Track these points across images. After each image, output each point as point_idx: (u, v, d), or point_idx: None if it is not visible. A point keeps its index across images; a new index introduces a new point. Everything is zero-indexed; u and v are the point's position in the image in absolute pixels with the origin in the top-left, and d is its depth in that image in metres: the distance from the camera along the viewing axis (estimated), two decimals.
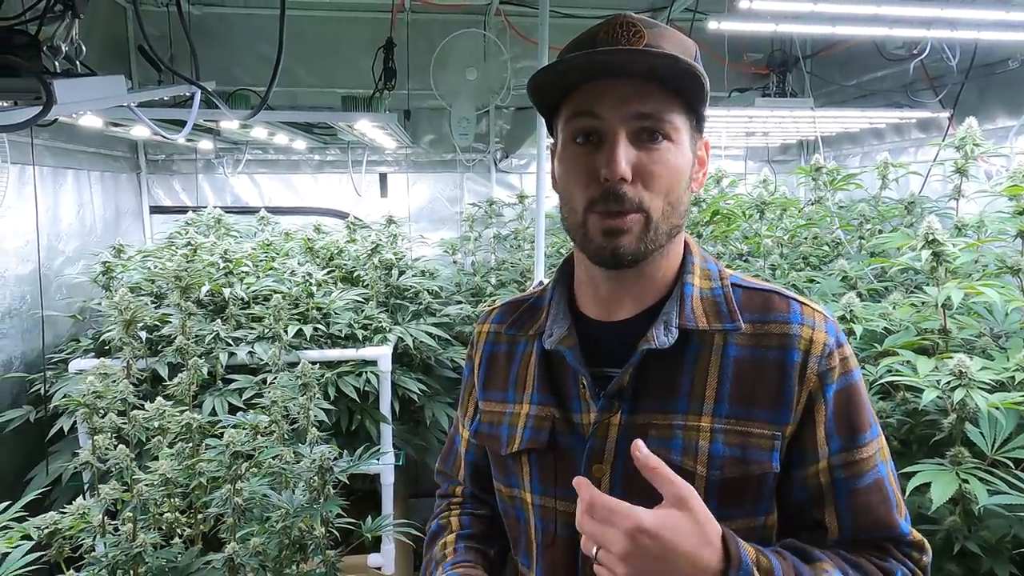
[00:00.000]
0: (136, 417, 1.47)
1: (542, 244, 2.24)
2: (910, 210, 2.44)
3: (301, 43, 3.81)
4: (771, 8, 1.92)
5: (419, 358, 3.02)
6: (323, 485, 1.40)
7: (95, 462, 1.42)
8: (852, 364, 0.81)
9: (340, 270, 3.11)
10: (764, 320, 0.80)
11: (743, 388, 0.78)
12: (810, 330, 0.79)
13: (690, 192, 0.80)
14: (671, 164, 0.76)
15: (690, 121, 0.79)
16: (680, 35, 0.79)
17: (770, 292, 0.83)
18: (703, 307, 0.81)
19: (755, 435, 0.77)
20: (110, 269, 2.70)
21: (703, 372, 0.79)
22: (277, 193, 4.11)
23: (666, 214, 0.77)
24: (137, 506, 1.38)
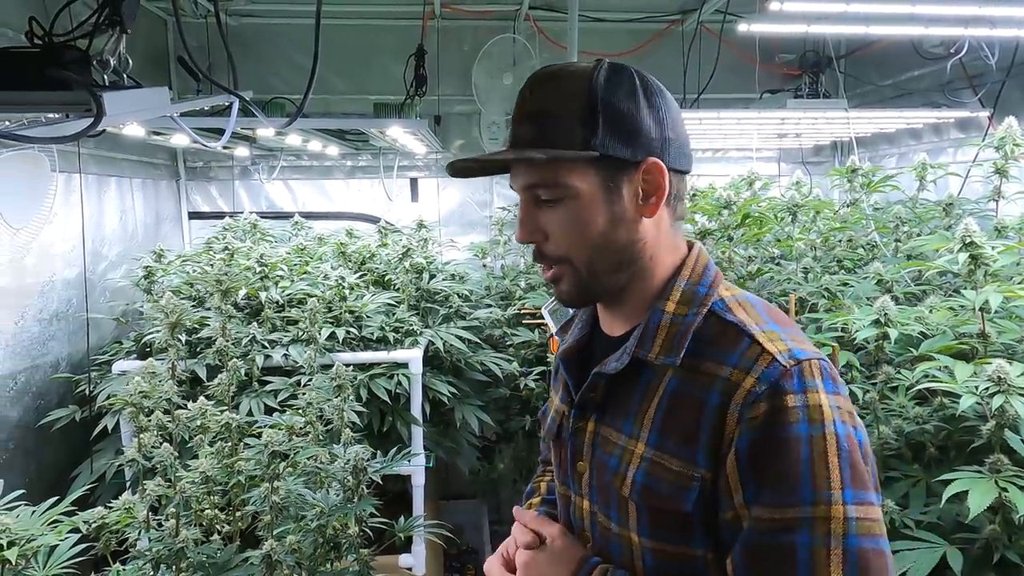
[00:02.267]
0: (180, 416, 1.52)
1: None
2: (948, 212, 2.40)
3: (333, 51, 3.88)
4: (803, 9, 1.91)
5: (449, 361, 3.04)
6: (357, 485, 1.43)
7: (140, 459, 1.47)
8: (791, 417, 0.71)
9: (372, 274, 3.16)
10: (703, 356, 0.79)
11: (670, 422, 0.79)
12: (741, 373, 0.75)
13: (631, 224, 0.82)
14: (572, 219, 0.81)
15: (591, 167, 0.79)
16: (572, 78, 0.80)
17: (734, 326, 0.79)
18: (664, 335, 0.82)
19: (673, 471, 0.77)
20: (151, 273, 2.78)
21: (649, 399, 0.81)
22: (311, 198, 4.19)
23: (595, 258, 0.82)
24: (180, 503, 1.43)
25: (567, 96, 0.80)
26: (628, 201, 0.81)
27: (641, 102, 0.81)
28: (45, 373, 2.79)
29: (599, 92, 0.80)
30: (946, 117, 3.09)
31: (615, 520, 0.84)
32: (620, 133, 0.79)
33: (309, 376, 1.84)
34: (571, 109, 0.80)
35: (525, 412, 3.32)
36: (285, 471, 1.52)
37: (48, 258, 2.80)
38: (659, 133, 0.82)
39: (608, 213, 0.81)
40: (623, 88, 0.81)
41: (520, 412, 3.33)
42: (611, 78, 0.81)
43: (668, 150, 0.82)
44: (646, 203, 0.82)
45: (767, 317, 0.81)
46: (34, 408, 2.71)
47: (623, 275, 0.84)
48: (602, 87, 0.80)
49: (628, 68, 0.83)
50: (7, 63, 0.99)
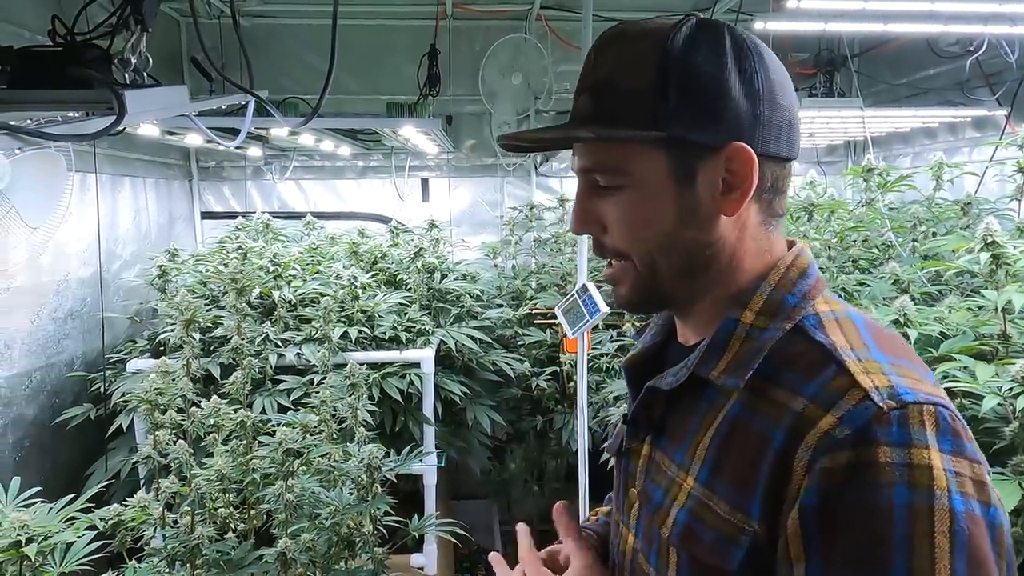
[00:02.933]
0: (195, 414, 1.53)
1: (585, 248, 2.24)
2: (966, 211, 2.37)
3: (346, 51, 3.88)
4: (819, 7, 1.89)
5: (461, 361, 3.04)
6: (371, 483, 1.43)
7: (156, 456, 1.48)
8: (883, 476, 0.54)
9: (384, 273, 3.16)
10: (776, 381, 0.63)
11: (725, 457, 0.64)
12: (819, 409, 0.58)
13: (708, 223, 0.67)
14: (632, 210, 0.67)
15: (663, 152, 0.66)
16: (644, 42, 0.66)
17: (821, 347, 0.63)
18: (736, 351, 0.66)
19: (721, 517, 0.63)
20: (165, 272, 2.80)
21: (706, 425, 0.67)
22: (322, 198, 4.20)
23: (658, 259, 0.68)
24: (195, 500, 1.43)
25: (635, 61, 0.65)
26: (704, 194, 0.66)
27: (730, 69, 0.64)
28: (60, 371, 2.81)
29: (675, 56, 0.64)
30: (962, 116, 3.07)
31: (654, 565, 0.70)
32: (699, 109, 0.64)
33: (322, 375, 1.84)
34: (638, 77, 0.65)
35: (536, 412, 3.32)
36: (299, 470, 1.52)
37: (63, 257, 2.82)
38: (751, 110, 0.65)
39: (677, 207, 0.67)
40: (707, 51, 0.64)
41: (531, 412, 3.33)
42: (693, 38, 0.64)
43: (761, 131, 0.66)
44: (727, 197, 0.66)
45: (872, 342, 0.63)
46: (49, 406, 2.73)
47: (693, 282, 0.70)
48: (679, 50, 0.64)
49: (719, 26, 0.66)
50: (30, 62, 1.00)
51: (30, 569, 1.28)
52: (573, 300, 2.19)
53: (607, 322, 2.87)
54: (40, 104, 1.04)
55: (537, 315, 3.40)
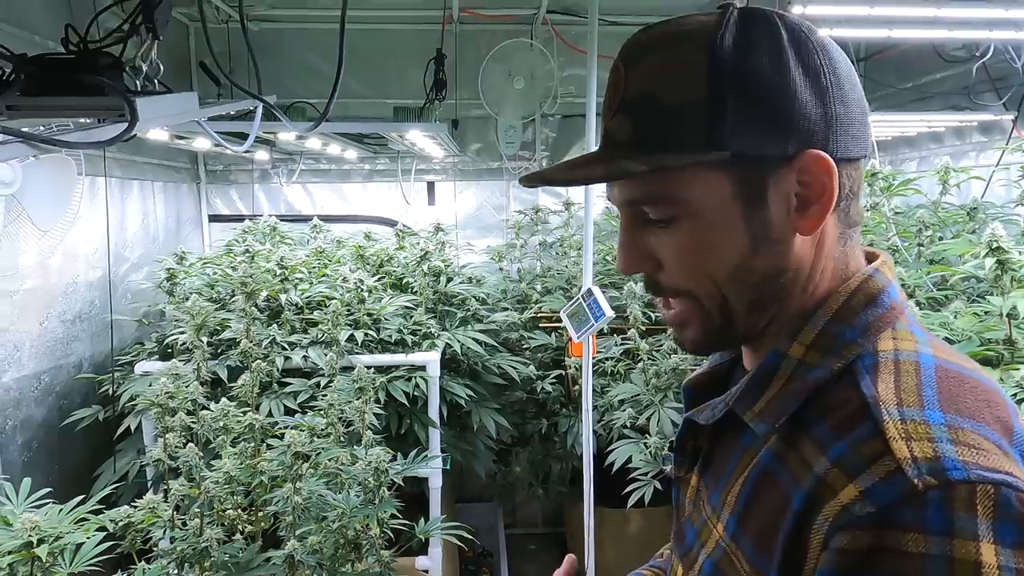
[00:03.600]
0: (205, 417, 1.54)
1: (590, 251, 2.25)
2: (972, 216, 2.37)
3: (352, 55, 3.90)
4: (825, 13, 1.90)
5: (466, 364, 3.05)
6: (378, 486, 1.44)
7: (166, 459, 1.49)
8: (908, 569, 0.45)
9: (390, 277, 3.18)
10: (809, 430, 0.55)
11: (753, 509, 0.58)
12: (842, 476, 0.50)
13: (781, 245, 0.58)
14: (694, 244, 0.58)
15: (724, 171, 0.57)
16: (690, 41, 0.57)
17: (861, 398, 0.53)
18: (778, 389, 0.58)
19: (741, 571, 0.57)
20: (173, 276, 2.82)
21: (740, 469, 0.60)
22: (329, 201, 4.22)
23: (729, 294, 0.59)
24: (204, 502, 1.44)
25: (679, 70, 0.56)
26: (776, 212, 0.58)
27: (791, 66, 0.55)
28: (68, 373, 2.83)
29: (727, 59, 0.55)
30: (968, 120, 3.06)
31: None
32: (761, 118, 0.55)
33: (329, 378, 1.85)
34: (686, 89, 0.56)
35: (541, 416, 3.33)
36: (307, 472, 1.53)
37: (72, 260, 2.84)
38: (821, 110, 0.56)
39: (747, 232, 0.58)
40: (763, 48, 0.55)
41: (536, 416, 3.33)
42: (744, 34, 0.56)
43: (836, 133, 0.57)
44: (804, 213, 0.58)
45: (933, 396, 0.52)
46: (57, 408, 2.75)
47: (767, 312, 0.61)
48: (730, 52, 0.55)
49: (771, 16, 0.57)
50: (44, 69, 1.01)
51: (41, 570, 1.30)
52: (578, 304, 2.20)
53: (612, 326, 2.88)
54: (54, 111, 1.06)
55: (542, 319, 3.41)
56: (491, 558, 3.66)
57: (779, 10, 0.59)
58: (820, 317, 0.58)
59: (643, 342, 2.68)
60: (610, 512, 3.11)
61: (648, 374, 2.65)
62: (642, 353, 2.66)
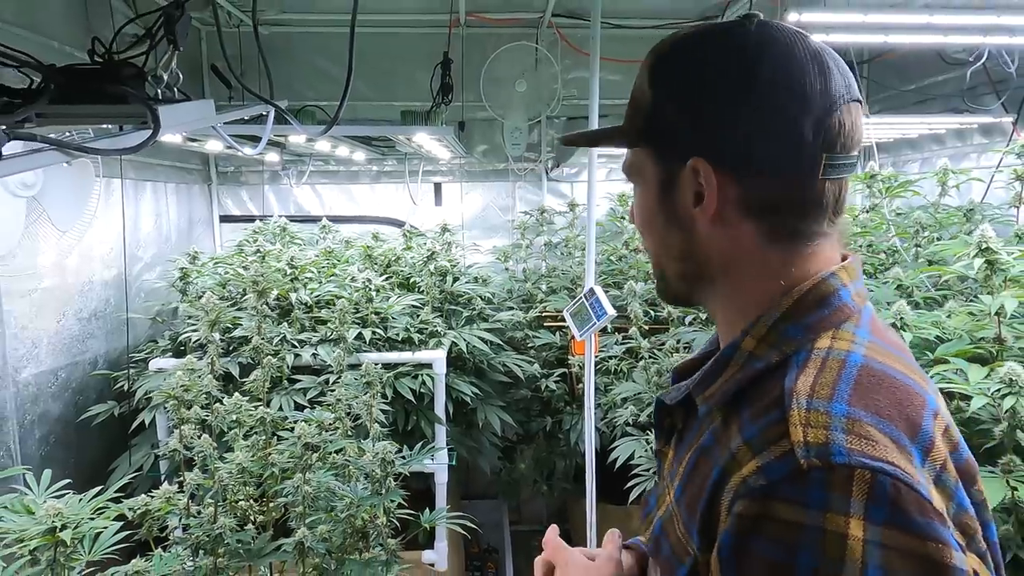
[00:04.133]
0: (218, 410, 1.60)
1: (592, 251, 2.30)
2: (970, 217, 2.41)
3: (359, 58, 3.93)
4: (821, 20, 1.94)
5: (472, 362, 3.11)
6: (385, 477, 1.50)
7: (181, 449, 1.55)
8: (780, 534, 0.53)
9: (397, 276, 3.23)
10: (738, 415, 0.62)
11: (691, 480, 0.66)
12: (748, 453, 0.57)
13: (691, 231, 0.68)
14: (638, 204, 0.73)
15: (652, 154, 0.69)
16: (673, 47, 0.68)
17: (781, 389, 0.59)
18: (727, 377, 0.65)
19: (676, 537, 0.66)
20: (186, 275, 2.88)
21: (691, 444, 0.69)
22: (337, 202, 4.29)
23: (660, 254, 0.72)
24: (218, 492, 1.50)
25: (642, 81, 0.69)
26: (683, 201, 0.67)
27: (713, 89, 0.63)
28: (84, 370, 2.90)
29: (660, 70, 0.67)
30: (970, 123, 3.10)
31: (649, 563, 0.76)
32: (679, 127, 0.66)
33: (337, 375, 1.91)
34: (643, 96, 0.68)
35: (545, 413, 3.38)
36: (316, 464, 1.59)
37: (88, 260, 2.92)
38: (731, 120, 0.63)
39: (662, 211, 0.70)
40: (689, 61, 0.66)
41: (540, 413, 3.38)
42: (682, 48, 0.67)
43: (738, 144, 0.63)
44: (700, 207, 0.66)
45: (846, 392, 0.57)
46: (73, 404, 2.82)
47: (693, 288, 0.72)
48: (664, 63, 0.68)
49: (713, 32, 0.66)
50: (71, 78, 1.07)
51: (63, 555, 1.36)
52: (581, 303, 2.25)
53: (615, 325, 2.93)
54: (81, 118, 1.12)
55: (546, 318, 3.46)
56: (496, 554, 3.71)
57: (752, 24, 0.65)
58: (770, 315, 0.64)
59: (644, 341, 2.72)
60: (612, 508, 3.16)
61: (650, 372, 2.70)
62: (643, 351, 2.71)
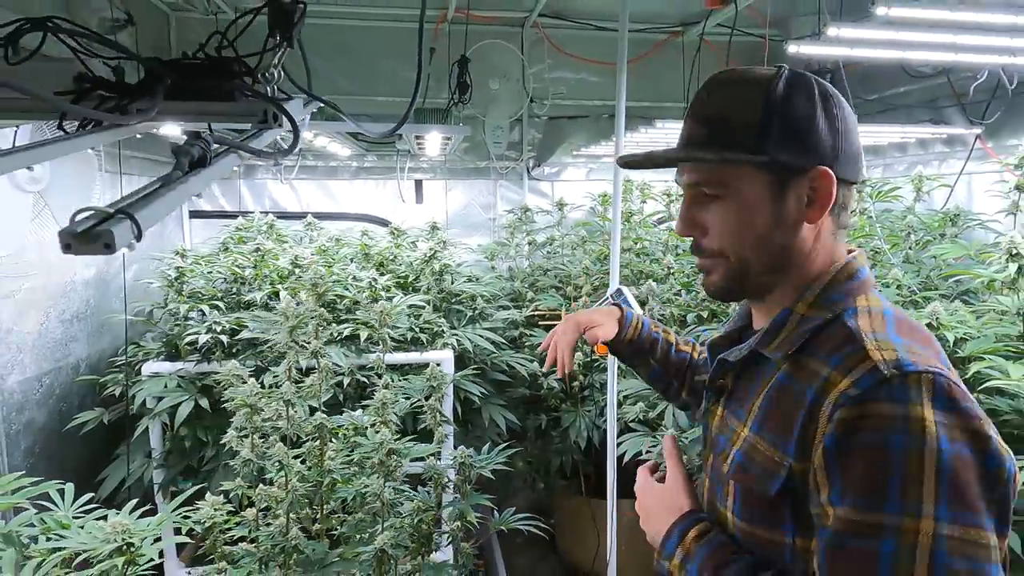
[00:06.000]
0: (294, 417, 1.55)
1: (617, 252, 2.34)
2: (954, 222, 2.59)
3: (341, 53, 3.88)
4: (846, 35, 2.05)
5: (474, 361, 3.10)
6: (464, 481, 1.49)
7: (255, 459, 1.50)
8: (882, 424, 0.71)
9: (394, 276, 3.19)
10: (813, 355, 0.82)
11: (771, 412, 0.84)
12: (840, 375, 0.76)
13: (792, 229, 0.85)
14: (733, 218, 0.86)
15: (759, 172, 0.84)
16: (750, 87, 0.84)
17: (849, 331, 0.80)
18: (785, 334, 0.86)
19: (765, 456, 0.82)
20: (182, 273, 2.75)
21: (760, 390, 0.87)
22: (315, 199, 4.17)
23: (751, 258, 0.87)
24: (294, 502, 1.46)
25: (744, 101, 0.84)
26: (792, 206, 0.84)
27: (818, 111, 0.84)
28: (67, 375, 2.73)
29: (776, 99, 0.83)
30: (939, 133, 3.32)
31: (719, 499, 0.91)
32: (793, 140, 0.83)
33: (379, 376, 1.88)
34: (746, 114, 0.83)
35: (540, 411, 3.41)
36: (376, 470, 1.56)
37: (70, 257, 2.74)
38: (832, 143, 0.84)
39: (770, 216, 0.85)
40: (801, 97, 0.84)
41: (536, 411, 3.41)
42: (791, 85, 0.84)
43: (839, 160, 0.84)
44: (810, 209, 0.84)
45: (892, 329, 0.80)
46: (57, 411, 2.65)
47: (774, 276, 0.88)
48: (780, 95, 0.83)
49: (808, 77, 0.85)
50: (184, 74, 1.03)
51: (134, 572, 1.29)
52: (607, 303, 2.29)
53: None
54: (197, 115, 1.07)
55: (539, 316, 3.49)
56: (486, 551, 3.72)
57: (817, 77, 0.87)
58: (817, 286, 0.86)
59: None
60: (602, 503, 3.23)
61: None
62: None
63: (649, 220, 3.80)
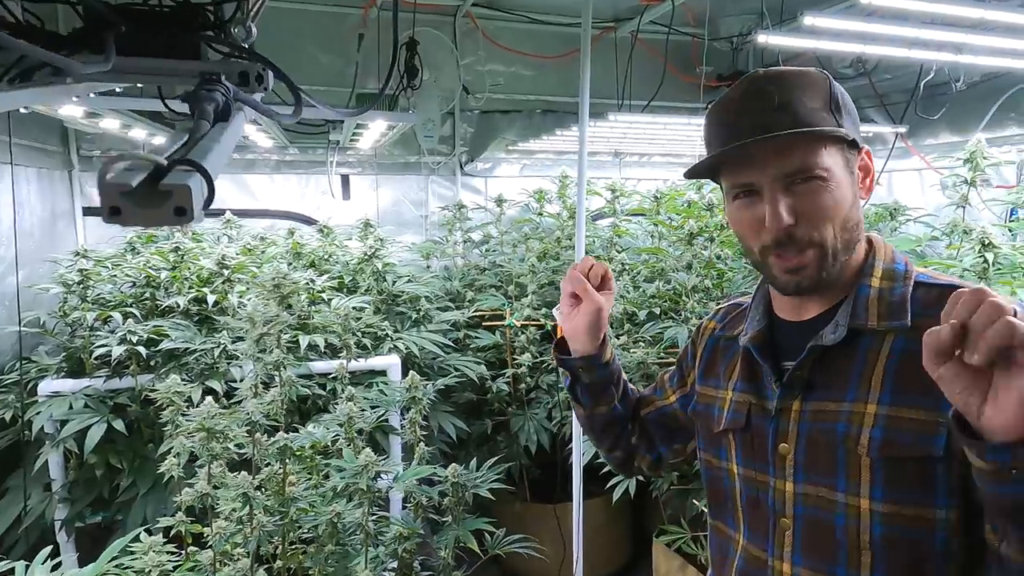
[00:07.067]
0: (260, 440, 1.32)
1: (582, 245, 2.24)
2: (894, 216, 2.67)
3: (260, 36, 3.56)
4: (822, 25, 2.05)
5: (418, 366, 2.92)
6: (457, 503, 1.32)
7: (211, 492, 1.26)
8: None
9: (330, 276, 2.95)
10: (932, 314, 0.80)
11: (906, 378, 0.83)
12: None
13: (859, 204, 0.90)
14: (826, 200, 0.85)
15: (840, 150, 0.87)
16: (808, 76, 0.88)
17: (949, 287, 0.86)
18: (878, 306, 0.87)
19: (915, 420, 0.81)
20: (88, 277, 2.40)
21: (872, 364, 0.85)
22: (230, 194, 3.82)
23: (840, 238, 0.87)
24: (260, 539, 1.24)
25: (811, 88, 0.87)
26: (856, 184, 0.89)
27: (850, 100, 0.91)
28: None
29: (834, 87, 0.89)
30: (866, 132, 3.46)
31: (842, 488, 0.85)
32: (852, 122, 0.89)
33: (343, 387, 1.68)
34: (818, 98, 0.87)
35: (485, 416, 3.27)
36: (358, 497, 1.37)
37: None
38: (859, 128, 0.92)
39: (851, 192, 0.88)
40: (839, 87, 0.90)
41: (482, 416, 3.27)
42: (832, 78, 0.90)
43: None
44: (864, 185, 0.91)
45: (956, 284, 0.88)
46: None
47: (849, 256, 0.89)
48: (834, 83, 0.89)
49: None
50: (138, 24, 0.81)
51: None
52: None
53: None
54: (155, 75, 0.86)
55: (483, 317, 3.34)
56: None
57: None
58: (878, 261, 0.91)
59: (614, 337, 2.72)
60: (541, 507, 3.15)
61: None
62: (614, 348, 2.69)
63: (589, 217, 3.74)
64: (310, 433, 1.59)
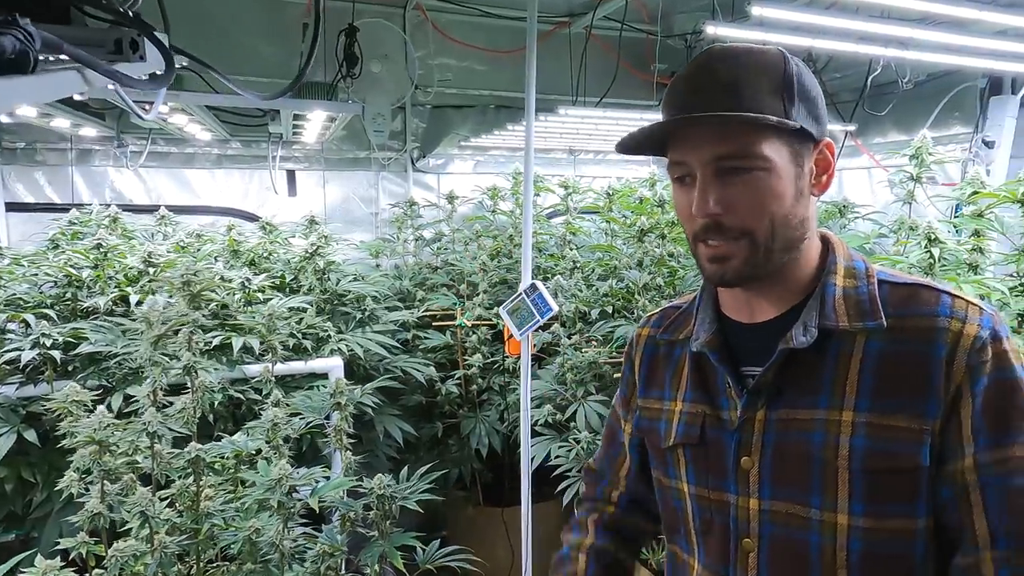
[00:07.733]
0: (161, 453, 1.20)
1: (529, 246, 2.17)
2: (843, 213, 2.67)
3: (197, 23, 3.41)
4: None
5: (363, 368, 2.81)
6: (384, 517, 1.23)
7: (105, 511, 1.14)
8: (1011, 360, 0.78)
9: (269, 275, 2.81)
10: (907, 314, 0.80)
11: (886, 383, 0.78)
12: (959, 323, 0.78)
13: (807, 200, 0.83)
14: (762, 192, 0.79)
15: (786, 141, 0.80)
16: (764, 56, 0.81)
17: (917, 286, 0.83)
18: (845, 306, 0.82)
19: (900, 428, 0.77)
20: None
21: (844, 368, 0.80)
22: (167, 190, 3.64)
23: (778, 234, 0.81)
24: (163, 561, 1.12)
25: (761, 70, 0.80)
26: (807, 177, 0.82)
27: (815, 84, 0.84)
28: None
29: (792, 71, 0.81)
30: None
31: (817, 504, 0.80)
32: (808, 110, 0.81)
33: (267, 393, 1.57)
34: (767, 82, 0.79)
35: (434, 419, 3.17)
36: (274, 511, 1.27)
37: None
38: (823, 117, 0.85)
39: (794, 187, 0.81)
40: (805, 71, 0.83)
41: (432, 418, 3.17)
42: (795, 62, 0.83)
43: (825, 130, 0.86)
44: (818, 181, 0.84)
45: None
46: None
47: (790, 254, 0.83)
48: (792, 67, 0.81)
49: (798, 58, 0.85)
50: None
51: None
52: (520, 300, 2.11)
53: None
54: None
55: (433, 317, 3.24)
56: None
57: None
58: (838, 259, 0.86)
59: (566, 335, 2.65)
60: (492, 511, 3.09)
61: (564, 368, 2.63)
62: (563, 348, 2.63)
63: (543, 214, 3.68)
64: (232, 442, 1.47)
